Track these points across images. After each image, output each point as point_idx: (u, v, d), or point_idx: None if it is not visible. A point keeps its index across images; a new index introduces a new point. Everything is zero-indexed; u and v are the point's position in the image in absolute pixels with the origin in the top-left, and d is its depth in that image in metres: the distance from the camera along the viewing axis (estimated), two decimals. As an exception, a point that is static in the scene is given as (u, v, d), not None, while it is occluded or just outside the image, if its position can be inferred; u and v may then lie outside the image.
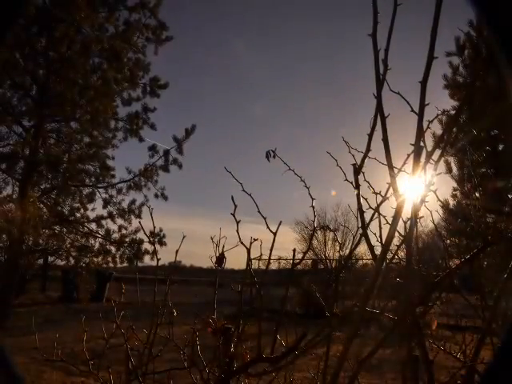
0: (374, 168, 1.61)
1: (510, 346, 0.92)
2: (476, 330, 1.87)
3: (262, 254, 1.69)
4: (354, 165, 1.57)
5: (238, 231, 1.65)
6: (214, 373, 1.65)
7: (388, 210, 1.53)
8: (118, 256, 12.31)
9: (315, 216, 1.69)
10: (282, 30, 40.44)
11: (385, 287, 1.51)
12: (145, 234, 2.30)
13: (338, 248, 16.10)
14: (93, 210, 12.31)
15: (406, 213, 1.47)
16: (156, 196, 12.62)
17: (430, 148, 1.49)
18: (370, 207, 1.57)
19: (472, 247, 1.73)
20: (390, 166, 1.47)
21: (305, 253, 2.36)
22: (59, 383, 5.62)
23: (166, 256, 2.56)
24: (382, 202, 1.56)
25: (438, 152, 1.54)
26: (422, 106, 1.43)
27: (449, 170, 8.28)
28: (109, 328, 1.96)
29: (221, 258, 1.83)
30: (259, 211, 1.67)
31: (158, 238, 11.34)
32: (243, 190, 1.65)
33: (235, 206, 1.65)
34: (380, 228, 1.58)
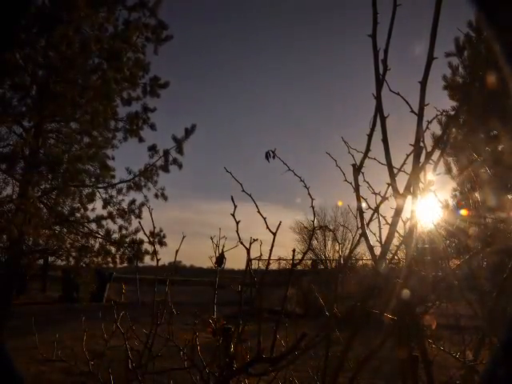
0: (373, 168, 1.61)
1: (510, 345, 0.93)
2: (475, 330, 1.88)
3: (261, 254, 1.69)
4: (353, 165, 1.57)
5: (237, 231, 1.65)
6: (214, 373, 1.65)
7: (388, 210, 1.54)
8: (118, 256, 12.29)
9: (315, 216, 1.69)
10: (281, 30, 40.45)
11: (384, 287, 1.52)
12: (145, 234, 2.30)
13: (337, 248, 16.11)
14: (93, 210, 12.30)
15: (406, 213, 1.47)
16: (156, 196, 12.61)
17: (429, 148, 1.49)
18: (370, 207, 1.58)
19: (471, 248, 1.74)
20: (390, 166, 1.47)
21: (304, 253, 2.37)
22: (59, 383, 5.62)
23: (166, 256, 2.56)
24: (381, 203, 1.56)
25: (437, 152, 1.54)
26: (422, 106, 1.44)
27: (448, 170, 8.28)
28: (109, 328, 1.96)
29: (221, 259, 1.84)
30: (259, 211, 1.67)
31: (157, 238, 11.35)
32: (243, 191, 1.65)
33: (235, 207, 1.65)
34: (379, 228, 1.59)
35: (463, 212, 1.87)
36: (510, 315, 1.80)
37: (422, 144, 1.45)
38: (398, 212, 1.43)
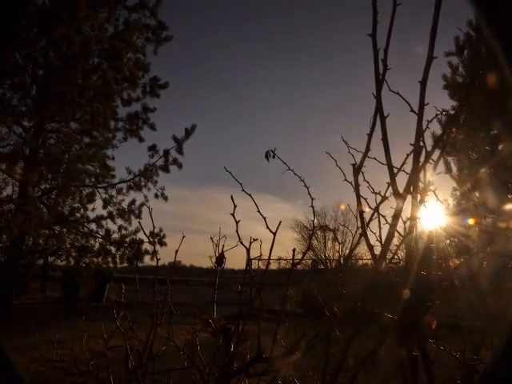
0: (373, 168, 1.61)
1: (510, 345, 0.92)
2: (475, 330, 1.87)
3: (261, 254, 1.69)
4: (353, 165, 1.57)
5: (237, 231, 1.65)
6: (214, 373, 1.65)
7: (388, 209, 1.54)
8: (118, 256, 12.32)
9: (315, 216, 1.69)
10: (281, 30, 40.46)
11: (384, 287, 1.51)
12: (145, 234, 2.30)
13: (337, 248, 16.12)
14: (93, 210, 12.31)
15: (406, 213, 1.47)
16: (156, 196, 12.64)
17: (429, 148, 1.49)
18: (370, 207, 1.58)
19: (471, 247, 1.73)
20: (390, 166, 1.47)
21: (304, 253, 2.36)
22: (59, 383, 5.61)
23: (166, 256, 2.55)
24: (381, 202, 1.56)
25: (437, 152, 1.54)
26: (422, 105, 1.43)
27: (448, 170, 8.27)
28: (109, 328, 1.96)
29: (220, 258, 1.83)
30: (259, 211, 1.67)
31: (157, 238, 11.36)
32: (243, 190, 1.65)
33: (234, 206, 1.65)
34: (379, 228, 1.58)
35: (471, 221, 1.86)
36: (510, 316, 1.80)
37: (421, 143, 1.45)
38: (397, 212, 1.43)
